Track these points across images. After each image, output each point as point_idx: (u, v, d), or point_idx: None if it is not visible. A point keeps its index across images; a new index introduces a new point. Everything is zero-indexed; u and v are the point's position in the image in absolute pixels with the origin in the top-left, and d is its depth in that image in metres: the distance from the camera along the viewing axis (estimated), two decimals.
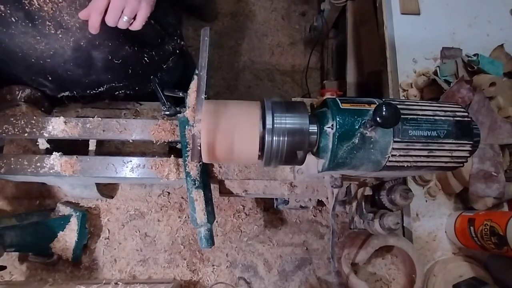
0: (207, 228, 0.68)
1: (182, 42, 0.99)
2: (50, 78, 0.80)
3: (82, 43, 0.75)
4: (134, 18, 0.70)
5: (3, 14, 0.70)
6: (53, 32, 0.72)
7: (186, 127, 0.71)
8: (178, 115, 0.74)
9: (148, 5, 0.70)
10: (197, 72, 0.61)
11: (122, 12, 0.68)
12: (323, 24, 1.80)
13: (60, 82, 0.81)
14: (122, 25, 0.69)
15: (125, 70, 0.83)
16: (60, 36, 0.73)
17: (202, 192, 0.69)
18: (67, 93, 0.84)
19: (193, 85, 0.71)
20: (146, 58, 0.86)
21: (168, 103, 0.73)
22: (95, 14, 0.67)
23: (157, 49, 0.88)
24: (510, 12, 1.13)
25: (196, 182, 0.70)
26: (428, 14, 1.12)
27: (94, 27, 0.68)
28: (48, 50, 0.74)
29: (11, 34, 0.72)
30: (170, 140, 0.77)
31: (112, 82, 0.84)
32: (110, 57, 0.79)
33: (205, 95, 0.58)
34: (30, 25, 0.71)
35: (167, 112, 0.73)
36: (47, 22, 0.71)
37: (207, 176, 0.74)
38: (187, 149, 0.71)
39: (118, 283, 0.84)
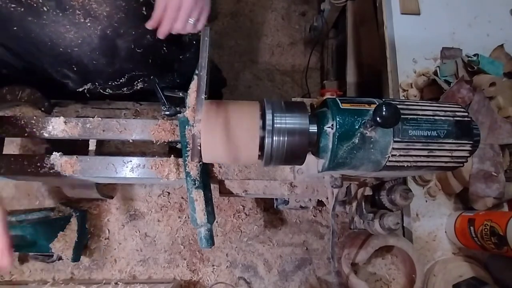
0: (207, 228, 0.68)
1: (199, 33, 1.01)
2: (75, 69, 0.81)
3: (108, 32, 0.77)
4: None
5: (35, 5, 0.72)
6: (82, 20, 0.74)
7: (186, 127, 0.71)
8: (178, 115, 0.74)
9: (209, 5, 0.73)
10: (197, 72, 0.61)
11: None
12: (323, 24, 1.80)
13: (84, 72, 0.83)
14: (188, 29, 0.72)
15: (146, 59, 0.85)
16: (89, 24, 0.75)
17: (202, 192, 0.69)
18: (89, 85, 0.86)
19: (193, 85, 0.71)
20: (165, 48, 0.88)
21: (168, 103, 0.73)
22: (168, 22, 0.70)
23: (175, 39, 0.91)
24: (510, 12, 1.13)
25: (196, 182, 0.70)
26: (428, 14, 1.12)
27: (164, 34, 0.72)
28: (76, 39, 0.76)
29: (42, 24, 0.73)
30: (170, 140, 0.77)
31: (133, 71, 0.86)
32: (133, 46, 0.81)
33: (206, 95, 0.58)
34: (60, 14, 0.73)
35: (167, 112, 0.73)
36: (77, 11, 0.73)
37: (207, 176, 0.74)
38: (187, 149, 0.71)
39: (118, 283, 0.84)
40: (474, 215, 0.85)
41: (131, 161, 0.75)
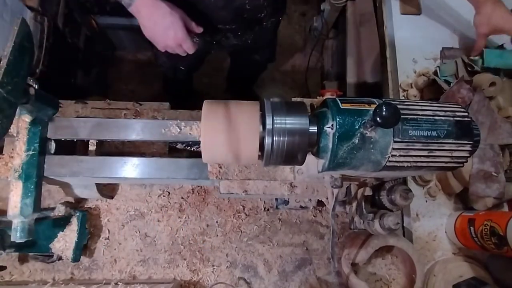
0: (21, 221, 0.69)
1: (281, 19, 1.21)
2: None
3: None
4: None
5: None
6: None
7: None
8: None
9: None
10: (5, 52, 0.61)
11: None
12: (323, 24, 1.80)
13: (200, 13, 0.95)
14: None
15: (245, 25, 1.02)
16: None
17: (21, 184, 0.69)
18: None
19: None
20: (248, 7, 0.99)
21: None
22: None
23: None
24: (510, 12, 1.13)
25: (17, 172, 0.70)
26: (428, 14, 1.12)
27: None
28: None
29: None
30: None
31: (226, 24, 1.02)
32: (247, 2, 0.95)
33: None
34: None
35: None
36: None
37: (37, 169, 0.72)
38: None
39: (118, 283, 0.84)
40: (474, 215, 0.85)
41: (131, 161, 0.75)
